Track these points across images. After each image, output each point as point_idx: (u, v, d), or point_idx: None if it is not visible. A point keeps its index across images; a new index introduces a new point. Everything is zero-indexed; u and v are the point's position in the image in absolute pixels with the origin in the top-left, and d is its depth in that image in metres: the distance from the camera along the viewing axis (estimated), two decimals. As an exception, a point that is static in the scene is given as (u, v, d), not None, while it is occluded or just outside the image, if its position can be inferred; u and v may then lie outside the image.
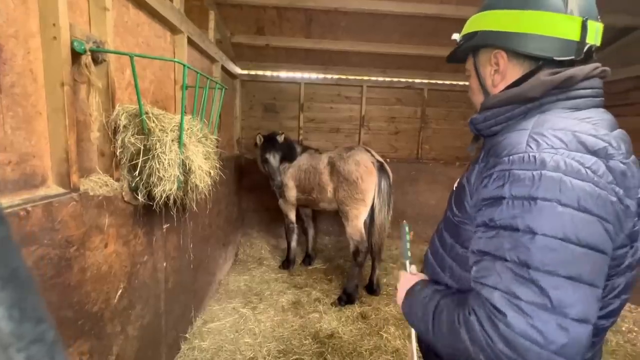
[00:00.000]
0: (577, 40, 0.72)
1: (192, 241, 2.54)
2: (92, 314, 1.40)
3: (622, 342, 2.74)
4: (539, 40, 0.74)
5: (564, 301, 0.56)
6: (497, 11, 0.80)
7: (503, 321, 0.58)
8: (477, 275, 0.66)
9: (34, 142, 1.18)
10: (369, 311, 3.09)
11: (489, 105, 0.81)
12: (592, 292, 0.59)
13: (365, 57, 4.44)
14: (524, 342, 0.56)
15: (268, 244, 4.71)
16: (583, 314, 0.57)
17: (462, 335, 0.64)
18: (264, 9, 3.53)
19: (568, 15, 0.72)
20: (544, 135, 0.66)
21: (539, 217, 0.60)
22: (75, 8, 1.35)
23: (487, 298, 0.62)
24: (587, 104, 0.73)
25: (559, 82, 0.71)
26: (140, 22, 1.83)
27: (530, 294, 0.58)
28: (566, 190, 0.60)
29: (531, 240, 0.60)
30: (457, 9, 3.37)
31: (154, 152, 1.49)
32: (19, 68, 1.11)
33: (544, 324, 0.56)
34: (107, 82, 1.48)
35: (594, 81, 0.75)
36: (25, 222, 1.06)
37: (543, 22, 0.73)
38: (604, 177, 0.62)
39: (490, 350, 0.59)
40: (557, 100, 0.73)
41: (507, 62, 0.81)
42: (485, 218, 0.68)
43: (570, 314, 0.56)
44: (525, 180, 0.63)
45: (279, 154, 3.62)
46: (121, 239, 1.60)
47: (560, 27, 0.72)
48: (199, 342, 2.49)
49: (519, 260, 0.60)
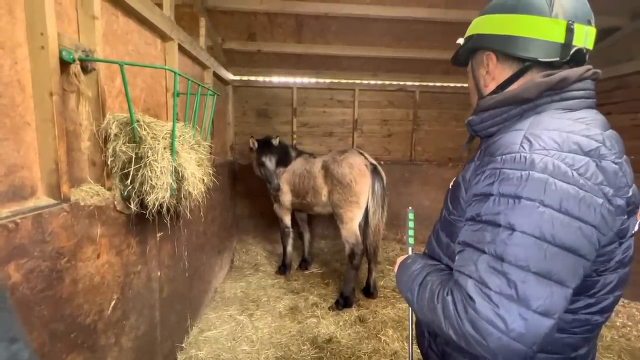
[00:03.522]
0: (561, 42, 0.75)
1: (186, 249, 2.51)
2: (85, 326, 1.37)
3: (617, 337, 2.77)
4: (524, 42, 0.77)
5: (528, 294, 0.60)
6: (490, 15, 0.84)
7: (472, 307, 0.63)
8: (457, 264, 0.71)
9: (22, 153, 1.16)
10: (366, 314, 3.08)
11: (485, 107, 0.84)
12: (559, 290, 0.62)
13: (357, 60, 4.48)
14: (487, 326, 0.61)
15: (264, 250, 4.69)
16: (545, 308, 0.60)
17: (438, 311, 0.70)
18: (255, 15, 3.55)
19: (552, 19, 0.75)
20: (539, 136, 0.68)
21: (520, 215, 0.63)
22: (63, 17, 1.34)
23: (462, 285, 0.67)
24: (580, 104, 0.76)
25: (553, 83, 0.74)
26: (129, 30, 1.82)
27: (499, 285, 0.62)
28: (550, 192, 0.63)
29: (509, 236, 0.63)
30: (445, 12, 3.42)
31: (146, 160, 1.48)
32: (6, 79, 1.09)
33: (508, 313, 0.60)
34: (97, 90, 1.46)
35: (587, 83, 0.77)
36: (15, 235, 1.04)
37: (528, 25, 0.76)
38: (593, 178, 0.64)
39: (459, 329, 0.65)
40: (552, 102, 0.75)
41: (496, 64, 0.85)
42: (473, 212, 0.72)
43: (533, 306, 0.60)
44: (513, 179, 0.66)
45: (275, 157, 3.62)
46: (114, 249, 1.57)
47: (543, 29, 0.75)
48: (195, 351, 2.46)
49: (496, 253, 0.64)
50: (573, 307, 0.74)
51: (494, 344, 0.61)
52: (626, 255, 0.75)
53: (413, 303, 0.81)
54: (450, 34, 3.92)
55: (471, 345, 0.64)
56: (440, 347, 0.91)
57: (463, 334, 0.65)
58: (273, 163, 3.60)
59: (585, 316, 0.75)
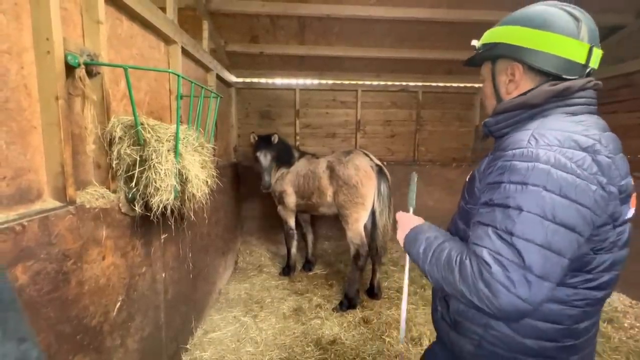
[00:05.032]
0: (582, 63, 0.85)
1: (190, 251, 2.52)
2: (91, 328, 1.38)
3: (625, 339, 2.73)
4: (552, 59, 0.86)
5: (532, 261, 0.73)
6: (518, 27, 0.90)
7: (487, 270, 0.76)
8: (473, 239, 0.83)
9: (29, 156, 1.17)
10: (370, 315, 3.07)
11: (500, 110, 0.94)
12: (557, 259, 0.74)
13: (359, 61, 4.48)
14: (499, 286, 0.74)
15: (268, 251, 4.69)
16: (544, 272, 0.73)
17: (455, 272, 0.82)
18: (258, 17, 3.56)
19: (580, 41, 0.84)
20: (543, 134, 0.79)
21: (527, 198, 0.75)
22: (68, 22, 1.35)
23: (478, 254, 0.79)
24: (582, 110, 0.86)
25: (558, 91, 0.85)
26: (133, 33, 1.84)
27: (510, 254, 0.75)
28: (552, 180, 0.74)
29: (518, 215, 0.76)
30: (447, 13, 3.41)
31: (150, 163, 1.49)
32: (12, 83, 1.11)
33: (517, 276, 0.73)
34: (102, 94, 1.48)
35: (589, 92, 0.88)
36: (22, 237, 1.05)
37: (558, 43, 0.85)
38: (589, 169, 0.75)
39: (473, 287, 0.78)
40: (557, 107, 0.86)
41: (522, 74, 0.92)
42: (487, 198, 0.83)
43: (535, 271, 0.73)
44: (521, 169, 0.77)
45: (270, 154, 3.62)
46: (119, 251, 1.58)
47: (572, 50, 0.84)
48: (200, 352, 2.46)
49: (506, 229, 0.76)
50: (573, 281, 0.84)
51: (503, 301, 0.74)
52: (620, 239, 0.84)
53: (425, 264, 0.92)
54: (452, 34, 3.93)
55: (482, 301, 0.77)
56: (452, 317, 1.00)
57: (477, 291, 0.77)
58: (268, 160, 3.60)
59: (584, 291, 0.84)
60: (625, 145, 0.90)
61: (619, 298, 3.29)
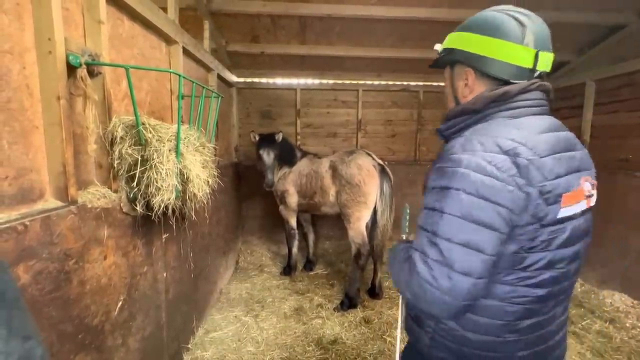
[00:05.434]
0: (530, 68, 0.88)
1: (192, 250, 2.53)
2: (93, 327, 1.38)
3: (627, 339, 2.72)
4: (500, 65, 0.90)
5: (453, 259, 0.79)
6: (470, 34, 0.95)
7: (416, 271, 0.84)
8: (414, 242, 0.92)
9: (31, 156, 1.18)
10: (371, 315, 3.07)
11: (449, 116, 1.00)
12: (477, 256, 0.79)
13: (360, 61, 4.47)
14: (425, 284, 0.82)
15: (269, 251, 4.70)
16: (465, 269, 0.79)
17: (402, 278, 0.91)
18: (259, 17, 3.56)
19: (524, 47, 0.86)
20: (470, 140, 0.85)
21: (448, 201, 0.82)
22: (70, 22, 1.36)
23: (412, 256, 0.87)
24: (526, 112, 0.89)
25: (495, 97, 0.89)
26: (135, 34, 1.84)
27: (434, 254, 0.82)
28: (470, 182, 0.80)
29: (440, 217, 0.82)
30: (448, 12, 3.41)
31: (152, 163, 1.49)
32: (14, 83, 1.11)
33: (439, 273, 0.80)
34: (103, 94, 1.48)
35: (534, 94, 0.89)
36: (24, 237, 1.06)
37: (505, 50, 0.88)
38: (507, 171, 0.79)
39: (410, 288, 0.86)
40: (499, 111, 0.90)
41: (475, 80, 0.96)
42: (424, 202, 0.91)
43: (456, 268, 0.79)
44: (447, 174, 0.84)
45: (273, 152, 3.61)
46: (120, 251, 1.59)
47: (517, 55, 0.87)
48: (201, 352, 2.47)
49: (432, 231, 0.84)
50: (509, 279, 0.86)
51: (429, 297, 0.81)
52: (555, 237, 0.84)
53: (394, 276, 0.98)
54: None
55: (417, 300, 0.85)
56: (413, 312, 1.07)
57: (412, 291, 0.86)
58: (271, 158, 3.59)
59: (523, 289, 0.86)
60: (626, 144, 0.90)
61: (621, 298, 3.27)
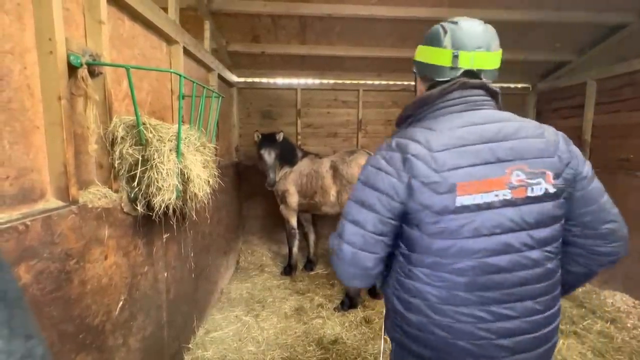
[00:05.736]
0: (449, 66, 1.00)
1: (192, 250, 2.53)
2: (93, 327, 1.39)
3: (628, 339, 2.72)
4: (428, 67, 1.06)
5: (343, 232, 1.00)
6: (419, 45, 1.12)
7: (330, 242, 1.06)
8: None
9: (32, 156, 1.18)
10: (372, 315, 3.07)
11: (397, 121, 1.16)
12: (357, 230, 0.97)
13: (361, 61, 4.47)
14: (332, 252, 1.03)
15: (269, 251, 4.70)
16: (349, 240, 0.98)
17: None
18: (259, 17, 3.56)
19: (442, 49, 1.01)
20: (385, 142, 1.02)
21: (353, 190, 1.02)
22: (70, 22, 1.36)
23: None
24: (444, 112, 1.00)
25: (420, 102, 1.04)
26: (135, 34, 1.84)
27: (339, 229, 1.01)
28: (364, 173, 1.00)
29: (348, 202, 1.02)
30: (449, 12, 3.40)
31: (152, 162, 1.49)
32: (15, 84, 1.11)
33: (337, 242, 1.01)
34: (104, 94, 1.48)
35: (456, 93, 0.99)
36: (25, 237, 1.06)
37: (430, 54, 1.05)
38: (394, 165, 0.94)
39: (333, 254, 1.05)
40: (427, 113, 1.03)
41: (419, 82, 1.14)
42: None
43: (345, 240, 0.99)
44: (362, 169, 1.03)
45: (275, 151, 3.61)
46: (121, 251, 1.59)
47: (437, 57, 1.02)
48: (202, 352, 2.47)
49: (343, 213, 1.04)
50: (428, 262, 0.95)
51: (334, 262, 1.03)
52: (463, 226, 0.89)
53: None
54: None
55: (334, 268, 1.05)
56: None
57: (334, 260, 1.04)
58: (272, 157, 3.60)
59: (442, 274, 0.94)
60: (627, 144, 0.89)
61: (622, 298, 3.27)
